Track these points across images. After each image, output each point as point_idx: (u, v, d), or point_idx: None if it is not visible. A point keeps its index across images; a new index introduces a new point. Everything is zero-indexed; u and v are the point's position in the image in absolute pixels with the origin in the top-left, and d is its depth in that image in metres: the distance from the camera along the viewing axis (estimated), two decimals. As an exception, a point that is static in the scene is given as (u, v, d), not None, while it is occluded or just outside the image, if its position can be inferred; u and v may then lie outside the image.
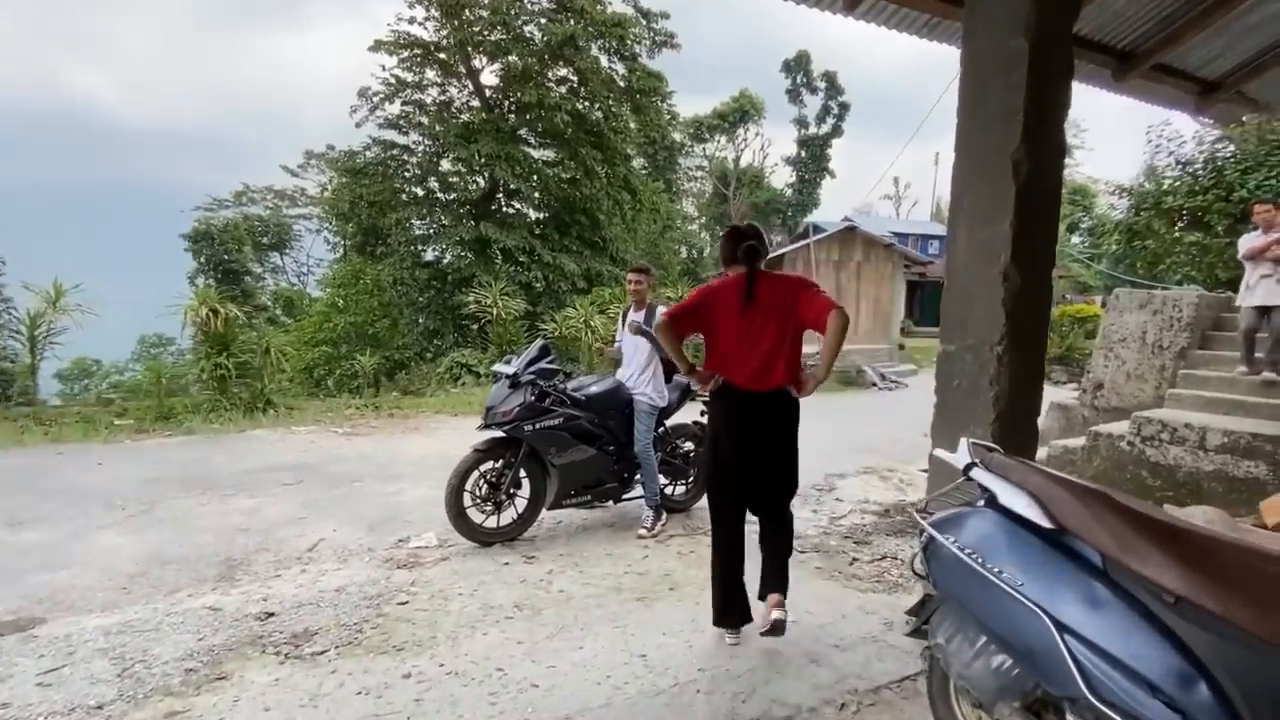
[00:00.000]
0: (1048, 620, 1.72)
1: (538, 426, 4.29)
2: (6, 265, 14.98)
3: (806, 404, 3.05)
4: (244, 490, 5.39)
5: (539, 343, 4.62)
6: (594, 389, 4.70)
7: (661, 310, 4.60)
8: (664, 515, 4.76)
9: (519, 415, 4.24)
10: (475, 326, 13.35)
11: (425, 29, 17.22)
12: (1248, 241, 6.27)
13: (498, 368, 4.53)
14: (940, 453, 2.34)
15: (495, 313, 11.74)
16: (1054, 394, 15.76)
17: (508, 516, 4.44)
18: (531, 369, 4.37)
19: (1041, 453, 6.98)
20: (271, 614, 3.35)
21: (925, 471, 7.75)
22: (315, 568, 3.98)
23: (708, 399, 3.16)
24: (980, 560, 1.98)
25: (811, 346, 2.77)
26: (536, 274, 16.87)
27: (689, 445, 5.24)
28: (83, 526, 4.64)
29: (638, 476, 4.82)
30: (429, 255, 19.44)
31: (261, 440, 7.16)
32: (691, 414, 5.21)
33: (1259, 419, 6.07)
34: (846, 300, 19.63)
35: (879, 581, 3.96)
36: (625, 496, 4.88)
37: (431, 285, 18.31)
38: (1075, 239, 44.12)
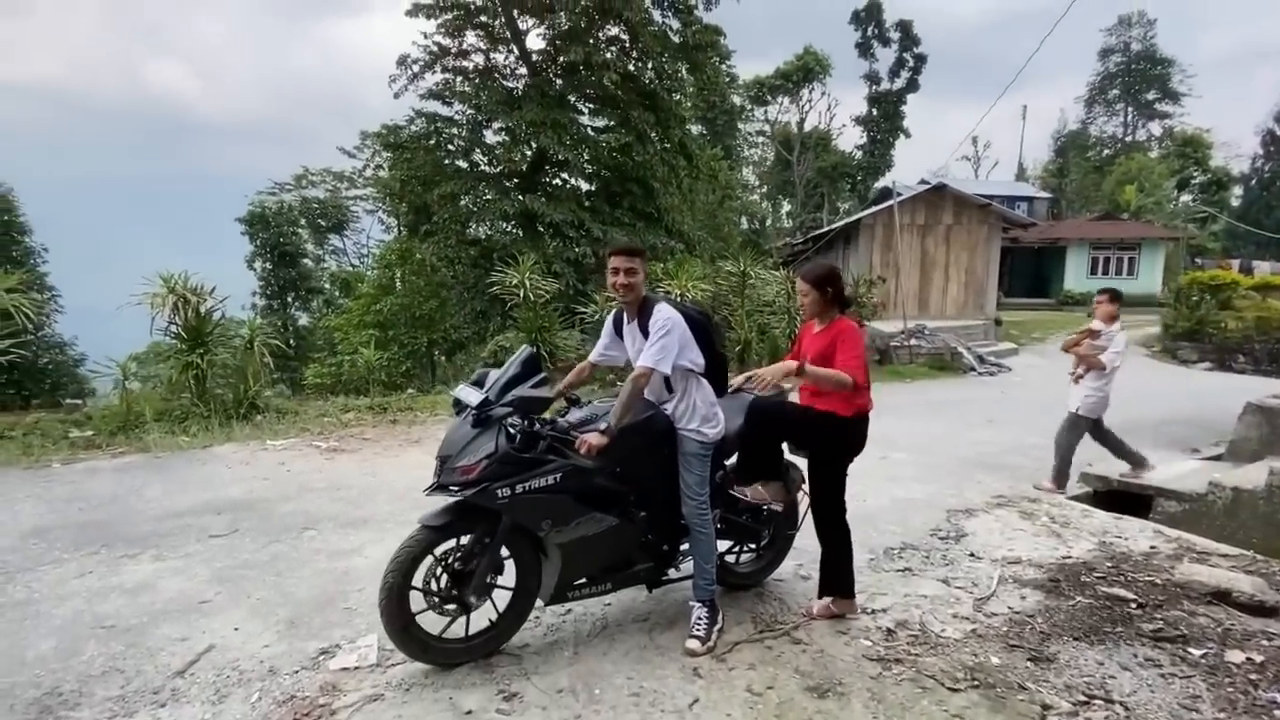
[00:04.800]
0: None
1: (519, 490, 2.64)
2: (96, 254, 14.28)
3: (899, 402, 3.36)
4: (153, 547, 3.97)
5: (524, 352, 2.90)
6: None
7: (666, 310, 2.86)
8: (720, 617, 3.10)
9: (488, 473, 2.61)
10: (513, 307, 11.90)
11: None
12: None
13: (460, 393, 2.87)
14: None
15: (522, 294, 10.01)
16: (1220, 382, 13.08)
17: (480, 619, 2.87)
18: (509, 395, 2.72)
19: (1257, 477, 4.98)
20: None
21: (1077, 500, 5.87)
22: (170, 714, 2.52)
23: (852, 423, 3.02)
24: None
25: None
26: (585, 249, 15.38)
27: (761, 492, 3.56)
28: None
29: (684, 546, 3.19)
30: (479, 233, 18.26)
31: (221, 461, 5.77)
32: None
33: None
34: (934, 270, 17.30)
35: (1112, 778, 2.21)
36: (666, 578, 3.24)
37: (479, 264, 17.13)
38: (1186, 197, 39.47)
